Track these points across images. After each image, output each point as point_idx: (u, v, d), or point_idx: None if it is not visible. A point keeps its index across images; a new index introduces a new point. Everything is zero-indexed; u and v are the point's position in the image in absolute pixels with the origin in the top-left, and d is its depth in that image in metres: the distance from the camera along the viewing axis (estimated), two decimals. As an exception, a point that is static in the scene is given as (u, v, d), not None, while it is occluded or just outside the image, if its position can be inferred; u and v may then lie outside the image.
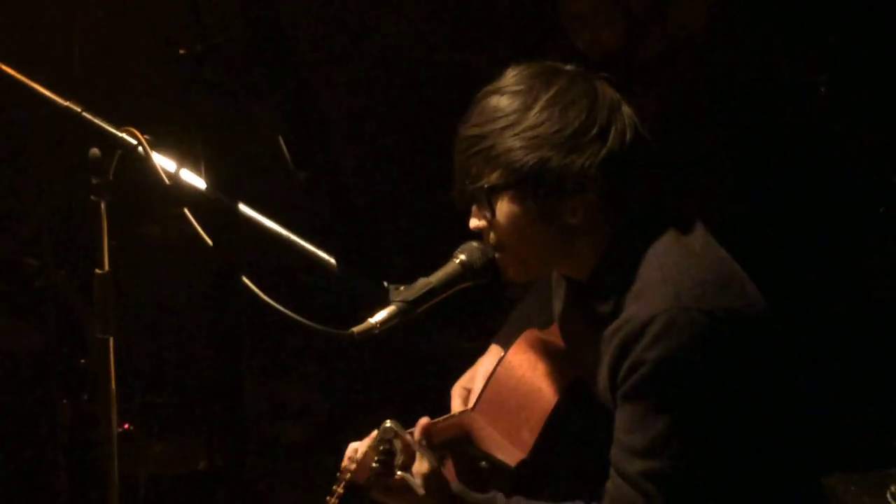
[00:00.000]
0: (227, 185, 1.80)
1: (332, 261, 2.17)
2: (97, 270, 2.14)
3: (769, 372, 2.07)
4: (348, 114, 3.98)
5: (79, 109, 2.10)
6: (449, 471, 2.35)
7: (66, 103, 2.10)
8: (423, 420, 2.20)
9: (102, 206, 2.10)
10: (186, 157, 2.03)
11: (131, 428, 3.69)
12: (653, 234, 2.10)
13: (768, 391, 2.07)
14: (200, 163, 1.92)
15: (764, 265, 2.30)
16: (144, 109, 2.06)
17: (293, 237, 2.11)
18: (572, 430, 2.29)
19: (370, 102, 4.01)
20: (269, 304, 2.01)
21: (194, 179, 2.11)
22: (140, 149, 2.05)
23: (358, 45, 4.02)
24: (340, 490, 2.14)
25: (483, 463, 2.30)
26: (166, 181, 2.05)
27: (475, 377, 2.45)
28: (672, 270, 2.04)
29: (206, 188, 1.90)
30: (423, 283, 2.16)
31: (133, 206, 2.52)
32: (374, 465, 2.07)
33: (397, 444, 2.10)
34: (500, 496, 2.12)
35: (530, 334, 2.43)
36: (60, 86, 2.08)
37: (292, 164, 2.10)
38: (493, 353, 2.50)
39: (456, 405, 2.43)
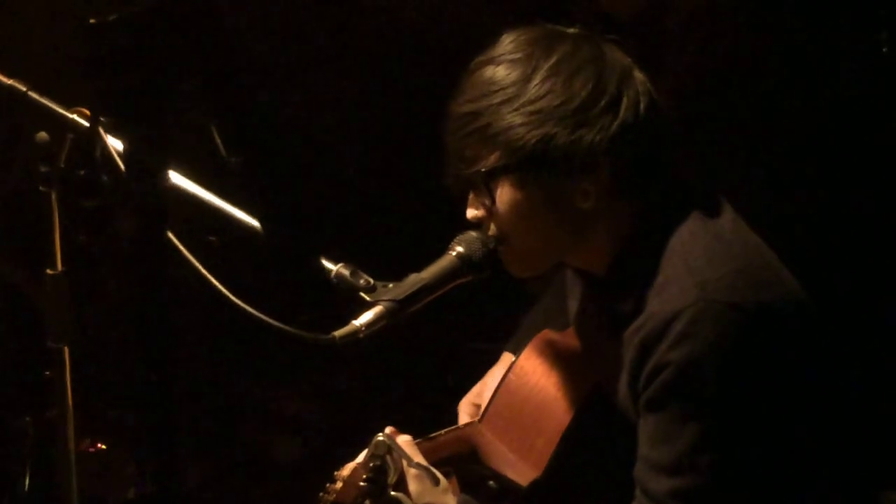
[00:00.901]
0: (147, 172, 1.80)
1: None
2: (48, 271, 2.13)
3: (810, 373, 2.05)
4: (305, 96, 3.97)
5: (24, 89, 2.10)
6: (453, 491, 2.32)
7: (10, 81, 2.10)
8: (406, 438, 2.19)
9: (53, 196, 2.09)
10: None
11: (104, 447, 3.72)
12: (676, 218, 2.08)
13: (810, 395, 2.04)
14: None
15: (819, 265, 2.28)
16: (55, 87, 2.05)
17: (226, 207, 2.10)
18: (592, 445, 2.28)
19: (334, 82, 3.99)
20: (243, 309, 2.00)
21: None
22: (93, 132, 2.04)
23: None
24: None
25: (491, 483, 2.29)
26: (122, 168, 2.04)
27: (484, 391, 2.44)
28: (698, 260, 2.02)
29: (163, 178, 1.90)
30: (413, 280, 2.13)
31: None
32: (362, 483, 2.05)
33: (391, 460, 2.09)
34: None
35: (544, 337, 2.42)
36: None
37: (223, 148, 2.09)
38: (505, 361, 2.49)
39: (463, 422, 2.42)
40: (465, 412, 2.44)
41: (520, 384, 2.35)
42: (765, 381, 1.98)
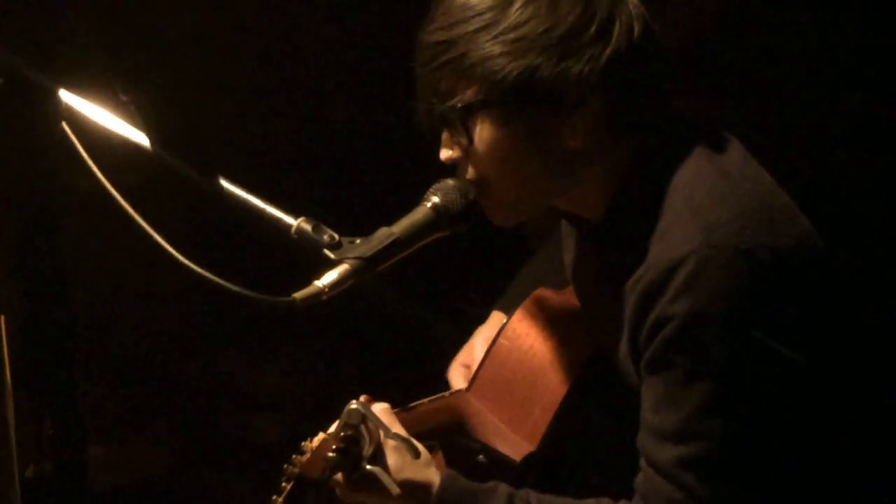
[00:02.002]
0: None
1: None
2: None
3: (827, 326, 2.02)
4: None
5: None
6: (438, 465, 2.29)
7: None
8: (383, 406, 2.16)
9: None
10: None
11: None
12: (677, 155, 2.04)
13: (827, 351, 2.01)
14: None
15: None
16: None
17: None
18: (592, 415, 2.26)
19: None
20: (195, 272, 1.95)
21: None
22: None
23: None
24: (287, 486, 2.08)
25: (480, 457, 2.27)
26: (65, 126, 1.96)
27: (473, 353, 2.42)
28: (703, 200, 1.98)
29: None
30: (383, 235, 2.08)
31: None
32: (330, 454, 1.99)
33: (366, 431, 2.04)
34: (502, 486, 2.08)
35: (539, 296, 2.40)
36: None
37: (115, 83, 2.03)
38: (495, 322, 2.47)
39: (457, 388, 2.40)
40: (456, 375, 2.42)
41: (512, 349, 2.33)
42: (777, 334, 1.95)
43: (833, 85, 3.46)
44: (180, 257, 1.95)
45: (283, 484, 2.12)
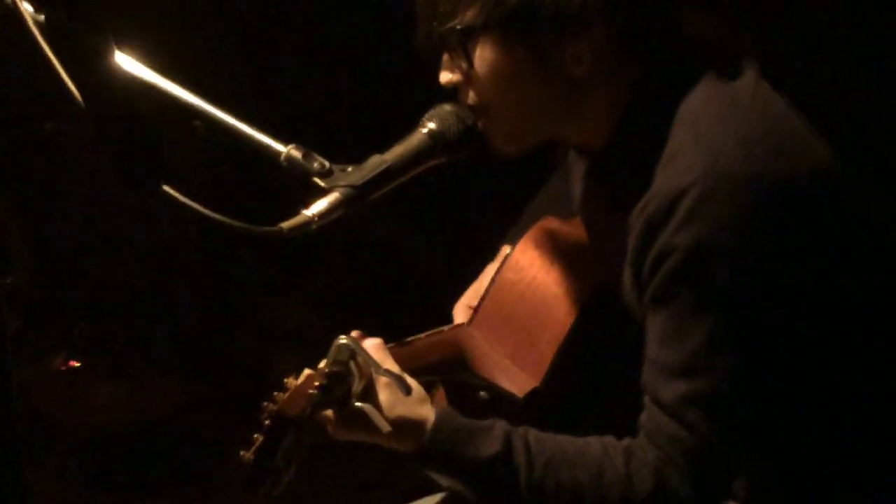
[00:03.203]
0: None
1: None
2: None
3: (840, 261, 1.98)
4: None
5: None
6: (440, 402, 2.30)
7: None
8: (375, 341, 2.13)
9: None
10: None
11: (77, 365, 3.73)
12: (686, 81, 2.01)
13: (839, 285, 1.98)
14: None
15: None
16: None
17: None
18: (598, 350, 2.23)
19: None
20: (179, 201, 1.87)
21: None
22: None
23: None
24: (267, 423, 2.04)
25: (482, 393, 2.24)
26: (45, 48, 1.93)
27: (481, 290, 2.39)
28: (710, 127, 1.95)
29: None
30: (376, 162, 2.06)
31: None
32: (311, 391, 1.95)
33: (355, 367, 2.01)
34: (500, 424, 2.05)
35: (544, 226, 2.37)
36: None
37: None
38: (503, 257, 2.42)
39: None
40: (460, 316, 2.39)
41: (515, 281, 2.30)
42: (786, 266, 1.91)
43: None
44: (167, 188, 1.85)
45: (264, 420, 2.07)
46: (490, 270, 2.42)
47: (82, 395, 3.83)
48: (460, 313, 2.40)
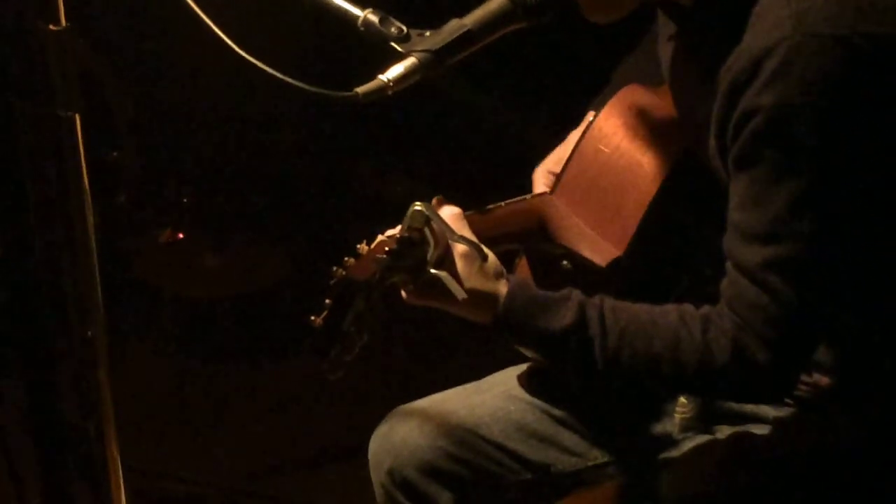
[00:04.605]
0: None
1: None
2: (51, 26, 2.14)
3: None
4: None
5: None
6: (522, 272, 2.34)
7: None
8: (453, 209, 2.14)
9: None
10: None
11: (181, 237, 3.80)
12: None
13: None
14: None
15: None
16: None
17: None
18: (683, 219, 2.24)
19: None
20: (255, 65, 1.94)
21: None
22: None
23: None
24: (335, 287, 2.03)
25: (565, 262, 2.25)
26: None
27: (565, 156, 2.39)
28: None
29: None
30: (454, 26, 2.05)
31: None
32: (380, 256, 1.98)
33: (431, 235, 2.02)
34: (575, 294, 2.07)
35: (630, 92, 2.36)
36: None
37: None
38: (587, 123, 2.42)
39: (538, 191, 2.39)
40: (541, 182, 2.41)
41: (598, 148, 2.30)
42: (874, 130, 1.89)
43: None
44: (240, 51, 1.94)
45: (333, 286, 2.06)
46: (573, 137, 2.42)
47: (187, 266, 3.93)
48: (540, 179, 2.41)
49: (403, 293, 2.08)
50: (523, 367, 2.43)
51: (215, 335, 4.19)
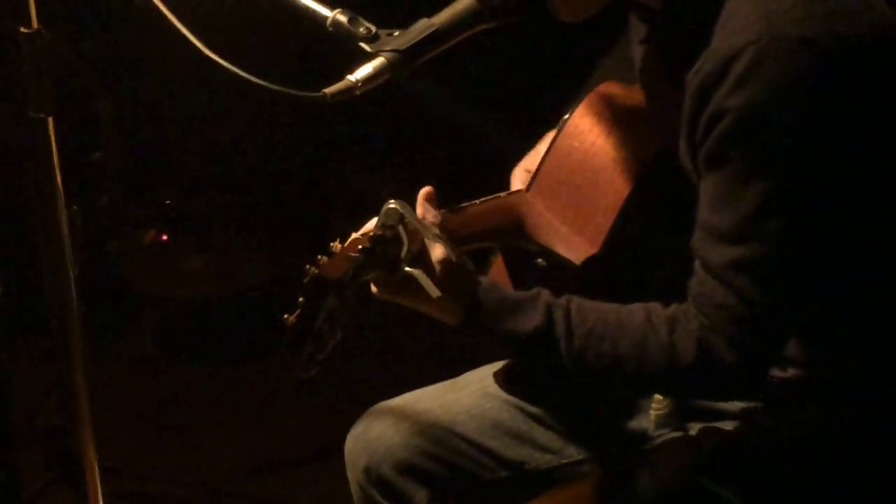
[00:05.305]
0: None
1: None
2: (22, 29, 2.17)
3: None
4: None
5: None
6: (498, 270, 2.37)
7: None
8: (426, 191, 2.16)
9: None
10: None
11: (166, 239, 3.81)
12: None
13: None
14: None
15: None
16: None
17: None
18: (657, 217, 2.25)
19: None
20: (221, 65, 1.98)
21: None
22: None
23: None
24: (308, 285, 2.06)
25: (539, 261, 2.27)
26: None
27: (539, 154, 2.41)
28: None
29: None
30: (423, 26, 2.08)
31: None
32: (353, 254, 1.98)
33: (405, 232, 2.02)
34: (543, 295, 2.09)
35: (604, 90, 2.36)
36: None
37: None
38: (563, 120, 2.42)
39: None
40: (518, 181, 2.42)
41: (573, 146, 2.30)
42: (841, 132, 1.91)
43: None
44: (205, 49, 1.97)
45: (305, 282, 2.07)
46: (549, 136, 2.42)
47: (171, 268, 3.96)
48: (518, 178, 2.41)
49: (374, 288, 2.10)
50: (499, 364, 2.45)
51: (198, 336, 4.21)
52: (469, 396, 2.41)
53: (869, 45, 1.92)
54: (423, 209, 2.16)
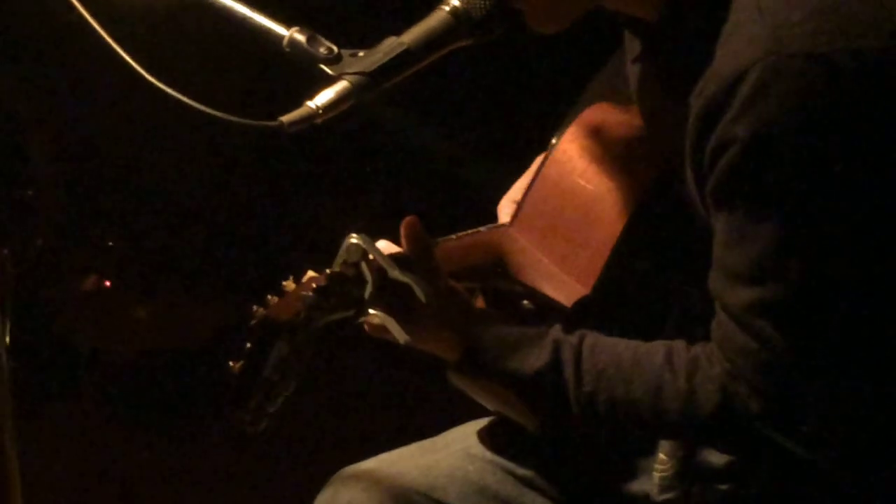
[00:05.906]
0: None
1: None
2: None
3: None
4: None
5: None
6: None
7: None
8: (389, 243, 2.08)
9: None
10: None
11: (109, 286, 3.74)
12: None
13: None
14: None
15: None
16: None
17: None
18: (656, 253, 2.17)
19: None
20: (165, 92, 1.90)
21: None
22: None
23: None
24: (254, 329, 1.96)
25: (525, 302, 2.21)
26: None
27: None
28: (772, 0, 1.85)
29: None
30: (391, 45, 1.99)
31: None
32: (307, 294, 1.92)
33: (367, 270, 1.97)
34: (552, 332, 2.03)
35: (596, 112, 2.29)
36: None
37: None
38: (551, 146, 2.34)
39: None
40: (505, 214, 2.35)
41: (562, 173, 2.24)
42: (862, 157, 1.81)
43: None
44: (155, 81, 1.91)
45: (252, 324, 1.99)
46: (538, 162, 2.35)
47: (114, 318, 3.87)
48: (504, 211, 2.35)
49: (366, 326, 2.07)
50: (484, 421, 2.36)
51: (144, 395, 4.13)
52: (450, 458, 2.32)
53: (888, 59, 1.84)
54: (410, 244, 2.10)
